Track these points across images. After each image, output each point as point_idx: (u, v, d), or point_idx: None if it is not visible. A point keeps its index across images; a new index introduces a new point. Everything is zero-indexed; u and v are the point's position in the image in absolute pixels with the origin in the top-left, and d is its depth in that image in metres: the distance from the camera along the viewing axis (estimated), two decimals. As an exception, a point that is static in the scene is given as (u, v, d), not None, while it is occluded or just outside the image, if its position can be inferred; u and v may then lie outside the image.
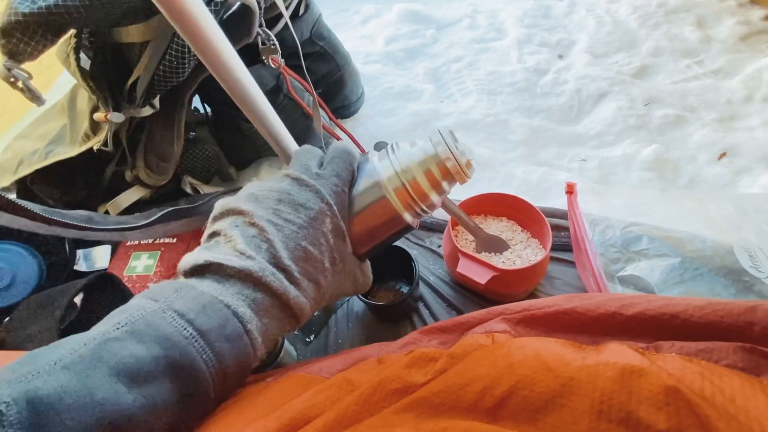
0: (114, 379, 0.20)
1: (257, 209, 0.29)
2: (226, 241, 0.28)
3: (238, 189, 0.34)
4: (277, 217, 0.29)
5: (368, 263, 0.37)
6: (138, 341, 0.21)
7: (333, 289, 0.32)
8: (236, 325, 0.24)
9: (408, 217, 0.34)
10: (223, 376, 0.24)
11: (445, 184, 0.34)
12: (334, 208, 0.31)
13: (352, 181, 0.33)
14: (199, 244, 0.31)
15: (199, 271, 0.27)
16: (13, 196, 0.35)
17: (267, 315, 0.27)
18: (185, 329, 0.22)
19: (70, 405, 0.18)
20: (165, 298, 0.24)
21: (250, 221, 0.28)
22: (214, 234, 0.29)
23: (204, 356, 0.23)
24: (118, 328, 0.22)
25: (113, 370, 0.20)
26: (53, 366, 0.19)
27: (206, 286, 0.25)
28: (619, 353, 0.21)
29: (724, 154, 0.82)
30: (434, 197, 0.34)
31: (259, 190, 0.30)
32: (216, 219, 0.30)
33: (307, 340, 0.56)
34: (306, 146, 0.35)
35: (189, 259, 0.27)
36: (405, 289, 0.57)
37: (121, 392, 0.19)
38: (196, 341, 0.22)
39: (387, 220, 0.33)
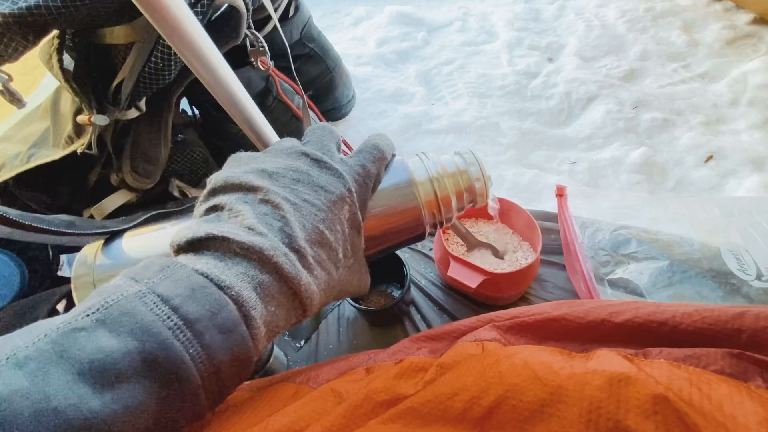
0: (77, 378, 0.16)
1: (272, 186, 0.25)
2: (232, 216, 0.24)
3: None
4: (294, 196, 0.25)
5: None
6: (109, 332, 0.18)
7: (340, 286, 0.28)
8: (231, 313, 0.20)
9: (427, 227, 0.33)
10: (216, 375, 0.20)
11: (466, 203, 0.34)
12: (355, 196, 0.28)
13: (377, 179, 0.30)
14: None
15: (196, 246, 0.23)
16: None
17: (274, 302, 0.22)
18: (169, 318, 0.18)
19: (18, 412, 0.15)
20: (148, 279, 0.20)
21: (264, 198, 0.25)
22: (214, 208, 0.25)
23: (191, 350, 0.19)
24: (87, 315, 0.18)
25: (77, 368, 0.16)
26: (4, 362, 0.16)
27: (204, 263, 0.21)
28: (608, 360, 0.21)
29: (710, 157, 0.84)
30: (454, 212, 0.34)
31: (272, 167, 0.27)
32: (216, 192, 0.26)
33: (297, 345, 0.55)
34: (323, 124, 0.32)
35: (185, 232, 0.23)
36: (396, 293, 0.57)
37: (85, 396, 0.16)
38: (181, 332, 0.18)
39: (408, 224, 0.32)
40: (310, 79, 0.86)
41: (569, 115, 0.99)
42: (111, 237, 0.35)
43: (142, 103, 0.58)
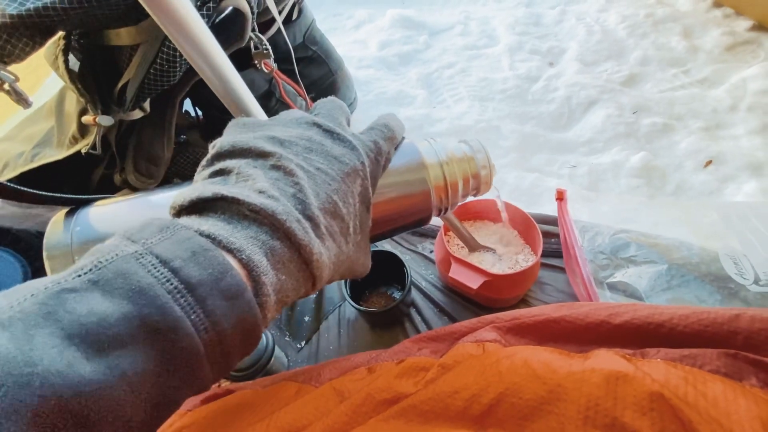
0: (66, 342, 0.15)
1: (284, 152, 0.24)
2: (241, 179, 0.22)
3: None
4: (307, 164, 0.24)
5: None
6: (103, 294, 0.16)
7: (348, 262, 0.27)
8: (236, 278, 0.18)
9: (434, 210, 0.33)
10: (220, 343, 0.18)
11: (471, 189, 0.34)
12: (368, 170, 0.27)
13: (388, 157, 0.30)
14: None
15: (201, 207, 0.21)
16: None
17: (284, 270, 0.21)
18: (168, 281, 0.17)
19: (1, 376, 0.13)
20: (146, 239, 0.18)
21: (275, 164, 0.23)
22: (220, 172, 0.23)
23: (193, 316, 0.17)
24: (78, 276, 0.16)
25: (66, 331, 0.15)
26: None
27: (210, 225, 0.20)
28: (605, 360, 0.22)
29: (710, 162, 0.84)
30: (459, 198, 0.34)
31: (284, 134, 0.25)
32: (222, 156, 0.24)
33: (298, 346, 0.55)
34: (331, 98, 0.31)
35: (189, 193, 0.21)
36: (397, 295, 0.57)
37: (75, 362, 0.15)
38: (182, 296, 0.17)
39: (415, 206, 0.32)
40: (312, 82, 0.86)
41: (570, 119, 1.00)
42: (92, 202, 0.32)
43: (147, 104, 0.59)
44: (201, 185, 0.22)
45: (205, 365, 0.18)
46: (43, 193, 0.30)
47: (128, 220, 0.30)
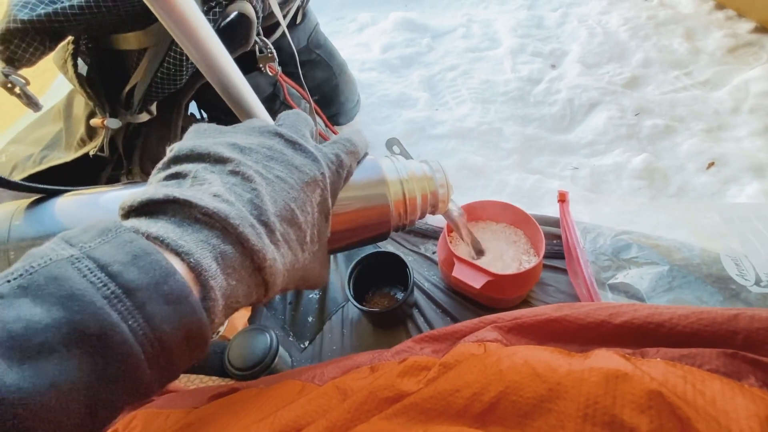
0: None
1: (243, 158, 0.24)
2: (196, 183, 0.22)
3: None
4: (267, 171, 0.24)
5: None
6: (32, 300, 0.16)
7: (303, 271, 0.27)
8: (179, 282, 0.18)
9: (392, 225, 0.33)
10: (163, 349, 0.18)
11: (429, 206, 0.35)
12: (328, 182, 0.27)
13: (349, 171, 0.30)
14: None
15: (151, 209, 0.21)
16: None
17: (235, 275, 0.21)
18: (105, 285, 0.16)
19: None
20: (84, 243, 0.18)
21: (234, 169, 0.23)
22: (175, 175, 0.23)
23: (131, 321, 0.17)
24: (8, 281, 0.16)
25: None
26: None
27: (158, 228, 0.19)
28: (605, 359, 0.22)
29: (712, 164, 0.84)
30: (417, 215, 0.35)
31: (244, 142, 0.25)
32: (179, 160, 0.24)
33: (302, 346, 0.56)
34: (296, 110, 0.31)
35: (139, 195, 0.21)
36: (400, 296, 0.57)
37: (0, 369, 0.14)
38: (119, 301, 0.16)
39: (374, 220, 0.32)
40: (316, 85, 0.87)
41: (572, 121, 1.00)
42: (40, 198, 0.30)
43: (153, 107, 0.60)
44: (153, 187, 0.21)
45: (145, 371, 0.17)
46: (13, 180, 0.29)
47: (74, 218, 0.29)
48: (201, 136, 0.26)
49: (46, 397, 0.15)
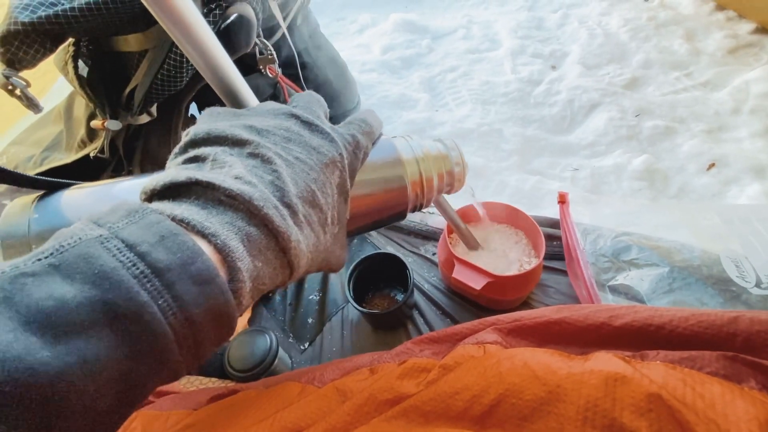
0: (23, 327, 0.14)
1: (262, 140, 0.24)
2: (217, 166, 0.22)
3: None
4: (286, 153, 0.24)
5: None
6: (63, 278, 0.16)
7: (325, 253, 0.27)
8: (207, 263, 0.18)
9: (409, 205, 0.33)
10: (191, 330, 0.18)
11: (445, 185, 0.35)
12: (346, 162, 0.27)
13: (366, 151, 0.30)
14: None
15: (175, 192, 0.20)
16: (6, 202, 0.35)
17: (261, 257, 0.20)
18: (135, 265, 0.16)
19: None
20: (112, 223, 0.18)
21: (253, 151, 0.23)
22: (195, 159, 0.23)
23: (160, 301, 0.17)
24: (39, 260, 0.16)
25: (23, 316, 0.15)
26: None
27: (183, 210, 0.19)
28: (605, 361, 0.22)
29: (712, 165, 0.84)
30: (434, 194, 0.35)
31: (261, 124, 0.25)
32: (197, 144, 0.24)
33: (302, 347, 0.56)
34: (309, 91, 0.31)
35: (161, 178, 0.21)
36: (400, 297, 0.57)
37: (32, 346, 0.14)
38: (148, 281, 0.16)
39: (392, 201, 0.32)
40: (316, 86, 0.87)
41: (572, 123, 1.00)
42: (46, 193, 0.30)
43: (154, 109, 0.60)
44: (174, 171, 0.21)
45: (174, 351, 0.17)
46: (20, 173, 0.29)
47: (90, 208, 0.29)
48: (216, 119, 0.26)
49: (79, 375, 0.15)
